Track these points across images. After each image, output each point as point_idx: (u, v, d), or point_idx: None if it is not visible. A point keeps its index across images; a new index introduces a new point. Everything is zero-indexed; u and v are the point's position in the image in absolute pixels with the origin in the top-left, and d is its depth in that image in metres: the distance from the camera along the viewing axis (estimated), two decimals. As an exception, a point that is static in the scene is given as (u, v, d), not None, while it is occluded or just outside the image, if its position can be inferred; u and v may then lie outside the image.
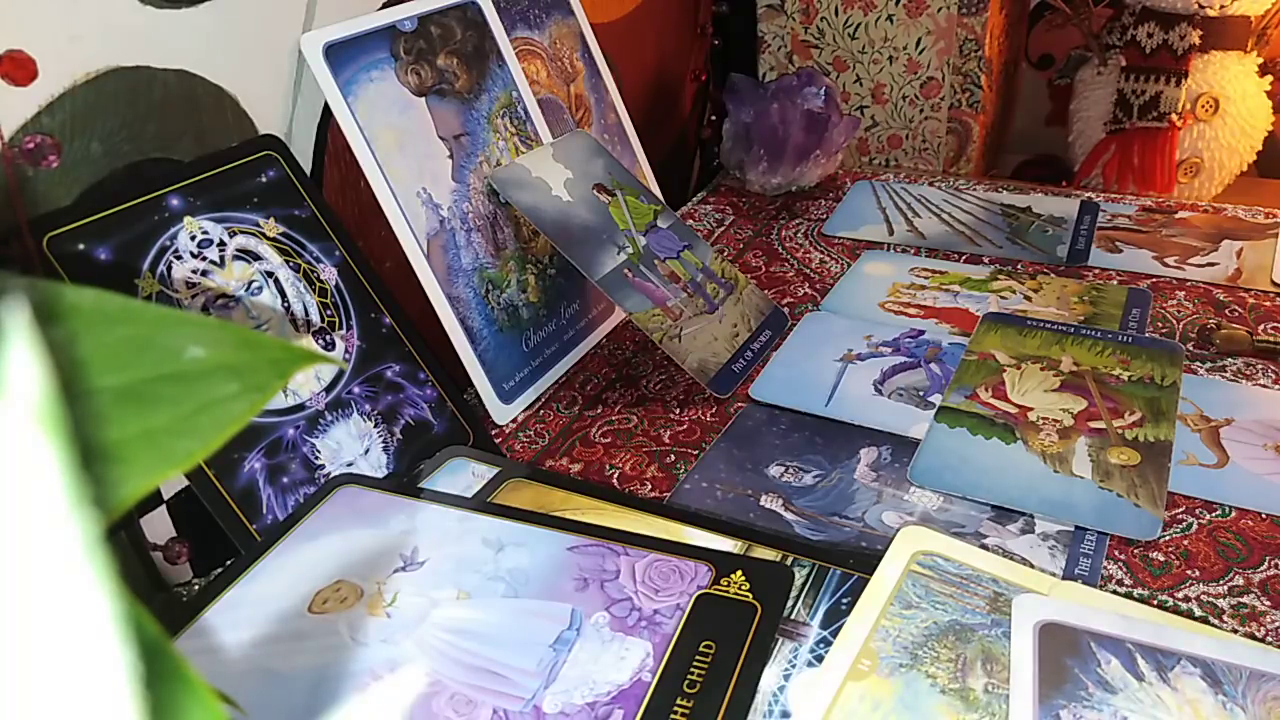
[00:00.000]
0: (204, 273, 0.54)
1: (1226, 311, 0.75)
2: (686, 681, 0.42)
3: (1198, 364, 0.68)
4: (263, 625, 0.46)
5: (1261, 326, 0.73)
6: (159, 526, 0.55)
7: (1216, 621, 0.48)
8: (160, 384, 0.18)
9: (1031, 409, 0.63)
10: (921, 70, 1.07)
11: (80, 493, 0.14)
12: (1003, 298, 0.78)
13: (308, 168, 0.64)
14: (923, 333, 0.73)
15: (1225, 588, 0.50)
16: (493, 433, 0.66)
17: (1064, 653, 0.44)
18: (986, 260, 0.86)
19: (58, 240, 0.49)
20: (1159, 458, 0.58)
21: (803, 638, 0.46)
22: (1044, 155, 1.27)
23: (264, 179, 0.59)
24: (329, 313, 0.59)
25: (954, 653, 0.45)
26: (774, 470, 0.60)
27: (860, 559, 0.51)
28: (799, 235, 0.93)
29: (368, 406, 0.59)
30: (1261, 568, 0.51)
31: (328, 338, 0.59)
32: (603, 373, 0.73)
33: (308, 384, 0.57)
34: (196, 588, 0.55)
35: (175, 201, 0.54)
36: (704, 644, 0.44)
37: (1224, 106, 1.03)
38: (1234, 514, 0.55)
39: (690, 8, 1.10)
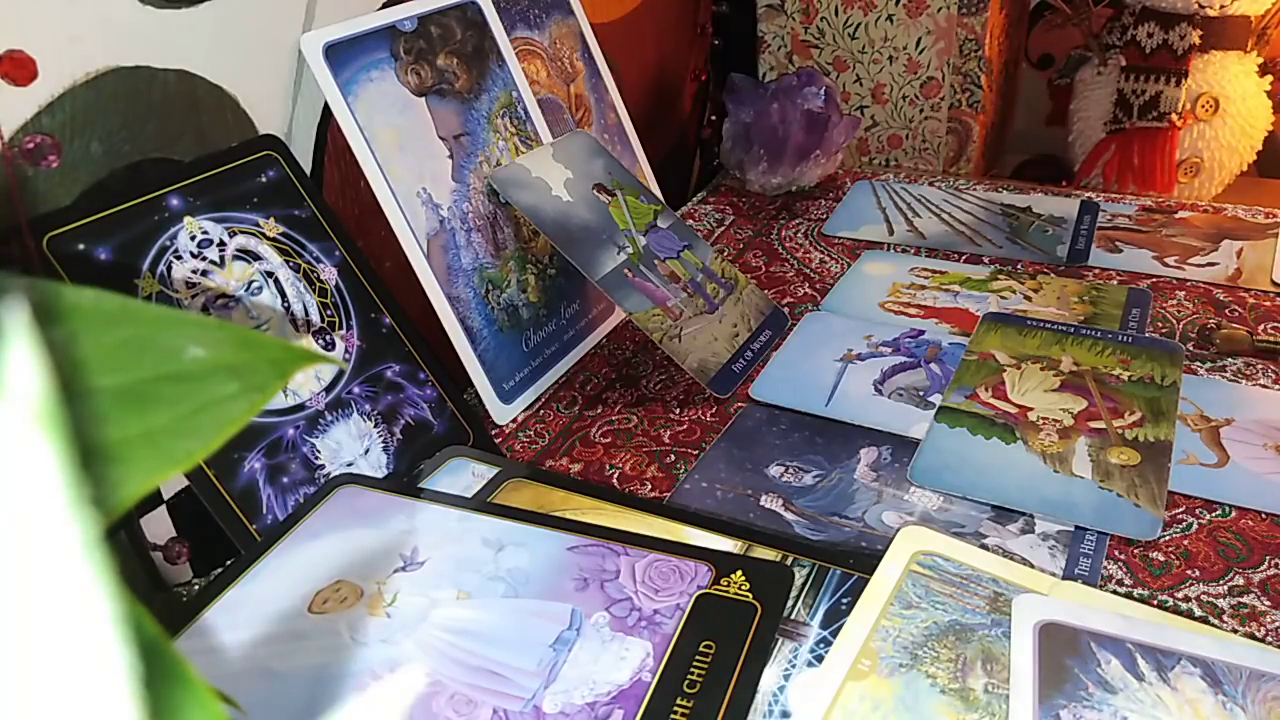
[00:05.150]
0: (204, 273, 0.54)
1: (1226, 311, 0.75)
2: (686, 681, 0.42)
3: (1198, 364, 0.68)
4: (263, 625, 0.46)
5: (1261, 326, 0.73)
6: (159, 526, 0.55)
7: (1216, 621, 0.48)
8: (160, 384, 0.18)
9: (1031, 409, 0.63)
10: (921, 70, 1.07)
11: (80, 493, 0.14)
12: (1003, 298, 0.78)
13: (308, 168, 0.64)
14: (923, 333, 0.73)
15: (1225, 588, 0.50)
16: (493, 433, 0.66)
17: (1064, 653, 0.44)
18: (986, 260, 0.86)
19: (58, 240, 0.49)
20: (1159, 458, 0.58)
21: (803, 638, 0.46)
22: (1044, 155, 1.27)
23: (264, 179, 0.59)
24: (329, 313, 0.59)
25: (954, 653, 0.45)
26: (774, 470, 0.60)
27: (860, 559, 0.51)
28: (799, 235, 0.93)
29: (368, 406, 0.59)
30: (1261, 568, 0.51)
31: (328, 338, 0.59)
32: (603, 373, 0.73)
33: (308, 384, 0.57)
34: (196, 588, 0.55)
35: (175, 201, 0.54)
36: (704, 644, 0.44)
37: (1224, 106, 1.03)
38: (1234, 514, 0.55)
39: (690, 8, 1.10)
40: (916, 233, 0.92)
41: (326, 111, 0.64)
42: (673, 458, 0.62)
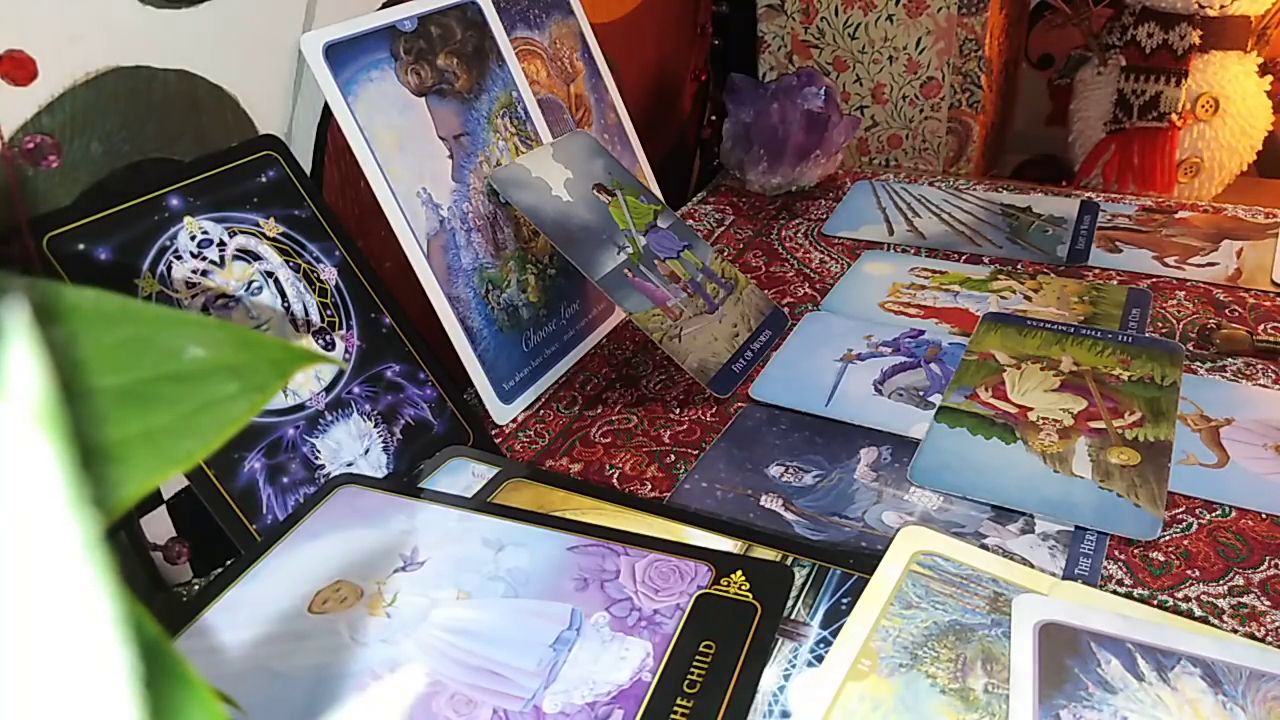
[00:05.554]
0: (204, 273, 0.54)
1: (1226, 311, 0.75)
2: (686, 681, 0.42)
3: (1198, 364, 0.68)
4: (263, 625, 0.46)
5: (1261, 326, 0.73)
6: (159, 526, 0.55)
7: (1216, 621, 0.48)
8: (160, 384, 0.18)
9: (1031, 409, 0.63)
10: (921, 70, 1.07)
11: (80, 493, 0.14)
12: (1003, 298, 0.78)
13: (308, 168, 0.64)
14: (923, 333, 0.73)
15: (1225, 588, 0.50)
16: (493, 433, 0.66)
17: (1064, 653, 0.44)
18: (986, 260, 0.86)
19: (58, 240, 0.49)
20: (1159, 458, 0.58)
21: (803, 638, 0.46)
22: (1044, 155, 1.27)
23: (264, 179, 0.59)
24: (329, 313, 0.59)
25: (954, 653, 0.45)
26: (774, 470, 0.60)
27: (860, 559, 0.51)
28: (799, 235, 0.93)
29: (368, 406, 0.59)
30: (1261, 568, 0.51)
31: (328, 338, 0.59)
32: (603, 373, 0.73)
33: (308, 384, 0.57)
34: (196, 588, 0.55)
35: (175, 201, 0.54)
36: (704, 644, 0.44)
37: (1224, 106, 1.03)
38: (1234, 514, 0.55)
39: (690, 8, 1.10)
40: (916, 233, 0.92)
41: (326, 111, 0.64)
42: (673, 458, 0.62)
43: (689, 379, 0.69)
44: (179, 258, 0.53)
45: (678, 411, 0.67)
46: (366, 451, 0.58)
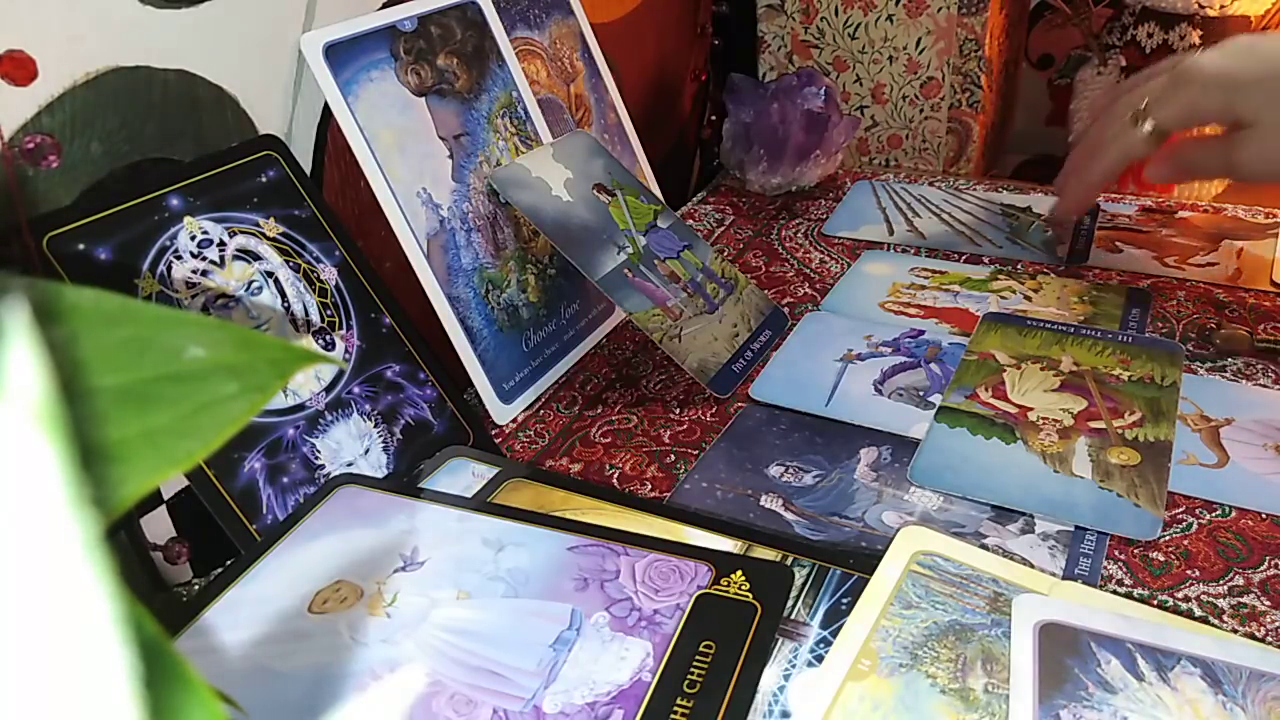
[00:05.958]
0: (204, 273, 0.54)
1: (1226, 311, 0.75)
2: (686, 681, 0.42)
3: (1198, 364, 0.68)
4: (263, 625, 0.46)
5: (1261, 326, 0.73)
6: (159, 526, 0.55)
7: (1216, 621, 0.48)
8: (160, 384, 0.18)
9: (1031, 409, 0.63)
10: (921, 70, 1.07)
11: (80, 493, 0.14)
12: (1003, 298, 0.78)
13: (308, 168, 0.64)
14: (923, 333, 0.73)
15: (1225, 588, 0.50)
16: (493, 433, 0.66)
17: (1064, 653, 0.44)
18: (986, 260, 0.86)
19: (58, 240, 0.49)
20: (1159, 458, 0.58)
21: (803, 638, 0.46)
22: (1044, 155, 1.27)
23: (264, 179, 0.59)
24: (329, 313, 0.59)
25: (954, 653, 0.45)
26: (774, 470, 0.60)
27: (860, 559, 0.51)
28: (799, 235, 0.93)
29: (368, 406, 0.59)
30: (1261, 568, 0.51)
31: (328, 338, 0.59)
32: (603, 373, 0.73)
33: (308, 384, 0.57)
34: (196, 588, 0.55)
35: (175, 201, 0.54)
36: (704, 644, 0.44)
37: (1224, 106, 1.03)
38: (1234, 514, 0.55)
39: (690, 8, 1.10)
40: (916, 233, 0.92)
41: (326, 111, 0.64)
42: (673, 458, 0.62)
43: (689, 379, 0.69)
44: (179, 258, 0.53)
45: (678, 411, 0.67)
46: (366, 451, 0.58)
